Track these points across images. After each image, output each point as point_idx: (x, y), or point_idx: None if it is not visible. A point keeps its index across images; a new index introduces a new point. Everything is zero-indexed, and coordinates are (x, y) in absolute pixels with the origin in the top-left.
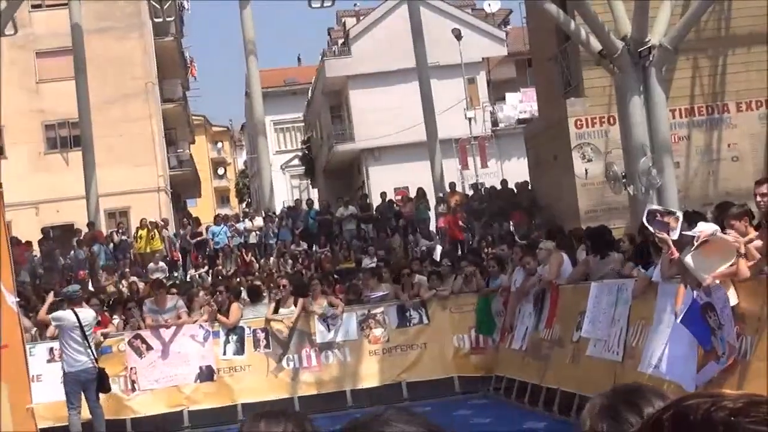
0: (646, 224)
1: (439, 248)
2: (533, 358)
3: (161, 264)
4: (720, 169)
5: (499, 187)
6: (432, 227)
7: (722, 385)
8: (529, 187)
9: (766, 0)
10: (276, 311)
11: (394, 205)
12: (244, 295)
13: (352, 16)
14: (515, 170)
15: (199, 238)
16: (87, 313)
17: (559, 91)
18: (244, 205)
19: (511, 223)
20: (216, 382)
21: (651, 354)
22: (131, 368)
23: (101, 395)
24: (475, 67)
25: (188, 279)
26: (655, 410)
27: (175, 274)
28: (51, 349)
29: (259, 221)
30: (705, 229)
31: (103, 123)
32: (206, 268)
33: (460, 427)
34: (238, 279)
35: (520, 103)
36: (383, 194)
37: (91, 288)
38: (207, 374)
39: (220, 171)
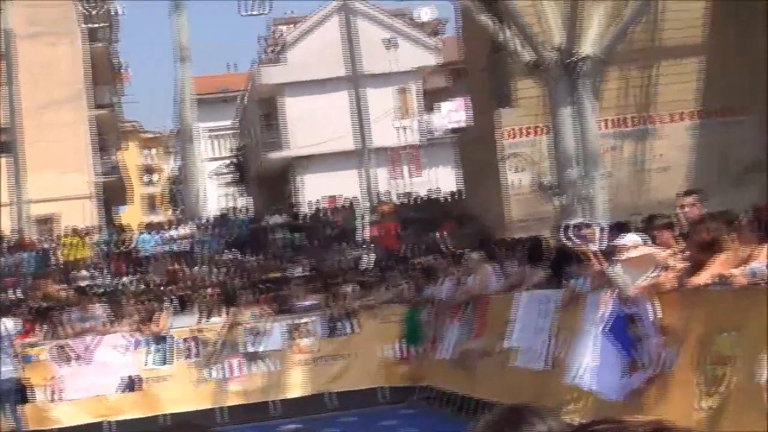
0: (564, 239)
1: (368, 258)
2: (461, 368)
3: (87, 272)
4: (649, 179)
5: (430, 196)
6: (362, 236)
7: (645, 395)
8: (461, 197)
9: (696, 12)
10: (204, 320)
11: (325, 214)
12: (171, 303)
13: (285, 23)
14: (448, 179)
15: (126, 246)
16: (9, 323)
17: (491, 100)
18: (176, 212)
19: (441, 232)
20: (140, 392)
21: (576, 364)
22: (54, 377)
23: (22, 406)
24: (410, 76)
25: (115, 287)
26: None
27: (101, 282)
28: None
29: (188, 229)
30: (631, 240)
31: (33, 129)
32: (134, 276)
33: None
34: (165, 287)
35: (454, 113)
36: (314, 203)
37: (19, 295)
38: (131, 384)
39: (151, 177)
